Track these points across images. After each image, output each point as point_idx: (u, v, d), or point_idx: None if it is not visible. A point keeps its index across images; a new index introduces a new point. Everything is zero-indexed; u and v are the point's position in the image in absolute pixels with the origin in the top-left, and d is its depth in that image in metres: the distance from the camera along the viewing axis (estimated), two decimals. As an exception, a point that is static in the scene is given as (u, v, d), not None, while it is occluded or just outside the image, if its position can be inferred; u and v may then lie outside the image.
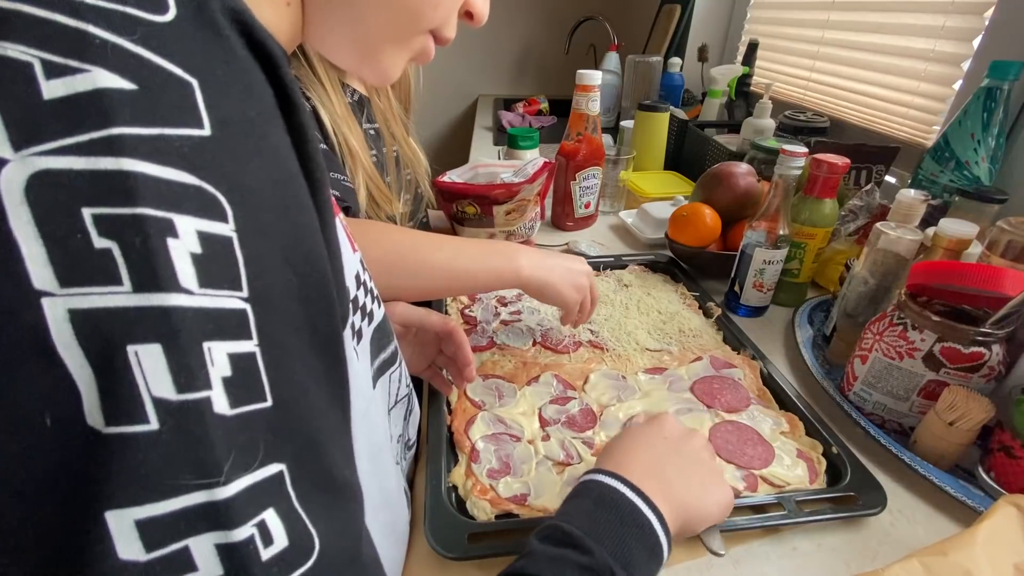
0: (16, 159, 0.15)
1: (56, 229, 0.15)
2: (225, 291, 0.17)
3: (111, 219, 0.15)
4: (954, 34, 0.88)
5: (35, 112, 0.15)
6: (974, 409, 0.47)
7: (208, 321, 0.17)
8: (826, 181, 0.69)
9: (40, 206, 0.15)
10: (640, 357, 0.65)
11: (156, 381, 0.16)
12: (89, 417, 0.15)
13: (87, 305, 0.15)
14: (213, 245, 0.17)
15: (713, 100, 1.31)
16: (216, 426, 0.17)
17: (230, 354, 0.17)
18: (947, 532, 0.45)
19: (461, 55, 2.12)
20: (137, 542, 0.15)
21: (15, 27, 0.15)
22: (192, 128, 0.17)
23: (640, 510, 0.34)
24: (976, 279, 0.48)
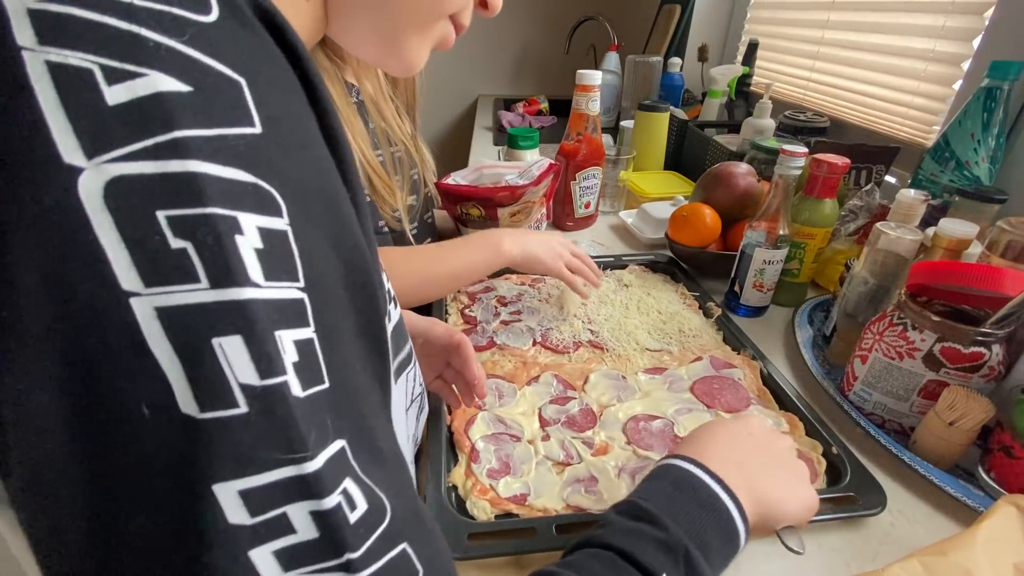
0: (90, 167, 0.15)
1: (135, 232, 0.16)
2: (285, 282, 0.18)
3: (184, 220, 0.16)
4: (954, 34, 0.88)
5: (102, 119, 0.16)
6: (974, 409, 0.47)
7: (276, 311, 0.18)
8: (826, 181, 0.69)
9: (119, 211, 0.16)
10: (640, 357, 0.65)
11: (241, 369, 0.17)
12: (184, 405, 0.16)
13: (171, 303, 0.16)
14: (272, 239, 0.18)
15: (713, 100, 1.31)
16: (295, 407, 0.18)
17: (295, 341, 0.18)
18: (947, 532, 0.45)
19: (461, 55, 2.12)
20: (243, 509, 0.17)
21: (71, 32, 0.15)
22: (245, 127, 0.18)
23: (718, 495, 0.34)
24: (976, 279, 0.48)
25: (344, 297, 0.21)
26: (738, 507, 0.34)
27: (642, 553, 0.30)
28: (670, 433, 0.53)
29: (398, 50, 0.33)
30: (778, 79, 1.32)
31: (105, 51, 0.16)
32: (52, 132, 0.15)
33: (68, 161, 0.15)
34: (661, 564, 0.30)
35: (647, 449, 0.51)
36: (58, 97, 0.15)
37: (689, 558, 0.30)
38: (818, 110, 1.13)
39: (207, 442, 0.17)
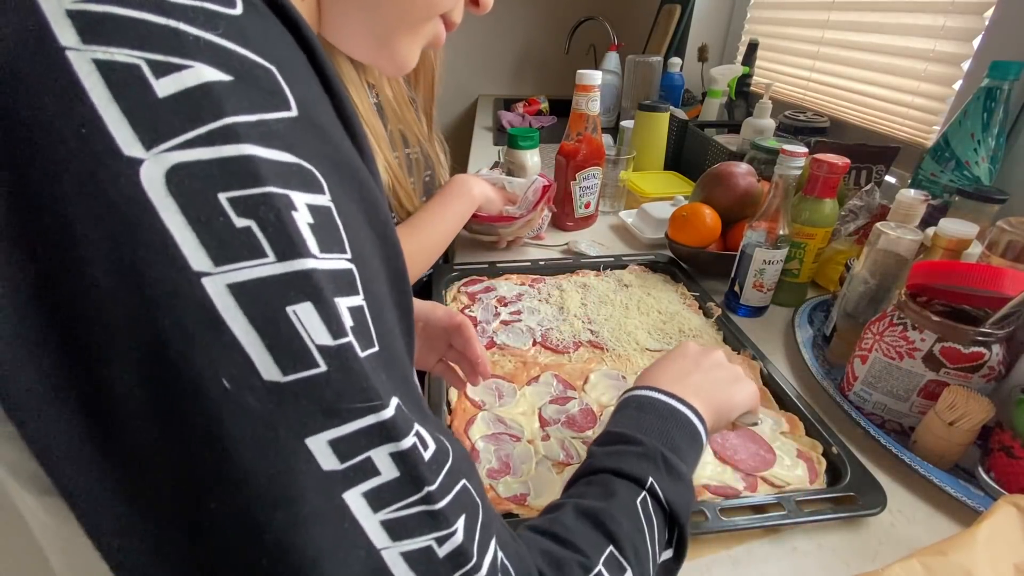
0: (150, 157, 0.16)
1: (200, 215, 0.17)
2: (336, 254, 0.19)
3: (245, 200, 0.17)
4: (954, 34, 0.88)
5: (155, 111, 0.16)
6: (974, 409, 0.47)
7: (333, 280, 0.19)
8: (826, 181, 0.69)
9: (182, 197, 0.17)
10: (640, 357, 0.65)
11: (316, 332, 0.18)
12: (265, 372, 0.18)
13: (243, 278, 0.17)
14: (320, 215, 0.19)
15: (713, 100, 1.31)
16: (363, 363, 0.19)
17: (349, 307, 0.20)
18: (947, 532, 0.45)
19: (461, 55, 2.12)
20: (333, 456, 0.19)
21: (113, 30, 0.16)
22: (283, 111, 0.19)
23: (674, 406, 0.39)
24: (976, 279, 0.48)
25: (381, 269, 0.22)
26: (693, 412, 0.39)
27: (628, 466, 0.34)
28: (670, 433, 0.53)
29: (390, 50, 0.34)
30: (778, 79, 1.32)
31: (149, 46, 0.16)
32: (108, 126, 0.16)
33: (128, 153, 0.16)
34: (646, 470, 0.34)
35: (647, 449, 0.51)
36: (110, 93, 0.16)
37: (666, 460, 0.35)
38: (818, 110, 1.13)
39: (294, 401, 0.18)
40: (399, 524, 0.20)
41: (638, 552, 0.30)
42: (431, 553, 0.21)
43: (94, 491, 0.18)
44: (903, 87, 0.98)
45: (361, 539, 0.19)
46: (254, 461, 0.18)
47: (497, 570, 0.23)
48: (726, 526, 0.43)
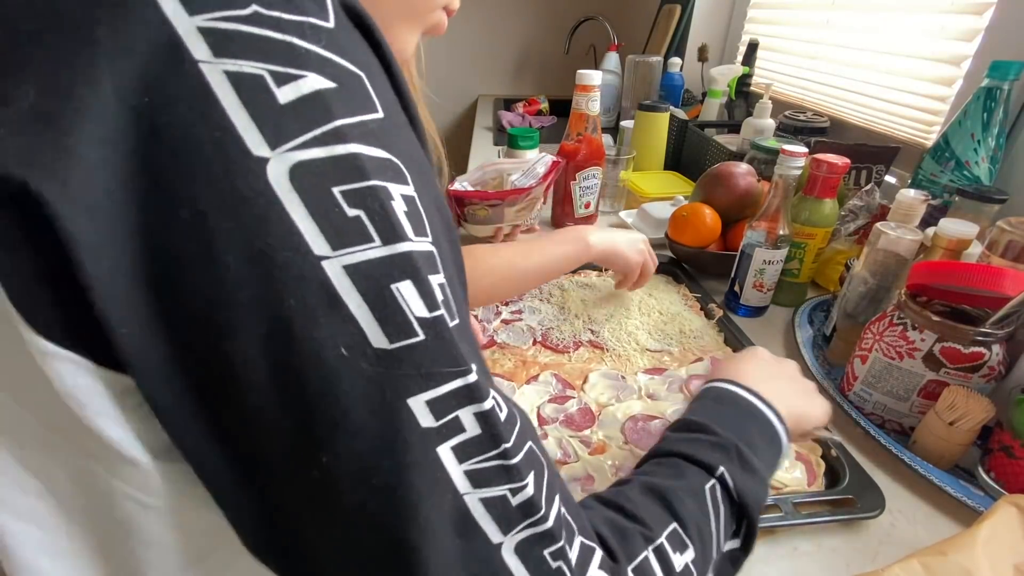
0: (275, 156, 0.19)
1: (319, 207, 0.19)
2: (423, 237, 0.22)
3: (355, 193, 0.20)
4: (954, 34, 0.88)
5: (278, 116, 0.19)
6: (974, 409, 0.47)
7: (426, 259, 0.21)
8: (826, 181, 0.69)
9: (304, 191, 0.19)
10: (640, 357, 0.65)
11: (416, 306, 0.21)
12: (375, 341, 0.20)
13: (355, 260, 0.20)
14: (409, 204, 0.21)
15: (713, 100, 1.31)
16: (453, 332, 0.22)
17: (438, 284, 0.22)
18: (947, 532, 0.45)
19: (461, 55, 2.12)
20: (429, 415, 0.21)
21: (240, 45, 0.18)
22: (373, 113, 0.21)
23: (756, 405, 0.39)
24: (976, 279, 0.48)
25: (448, 249, 0.24)
26: (774, 412, 0.39)
27: (701, 453, 0.34)
28: (670, 433, 0.53)
29: (390, 40, 0.34)
30: (778, 79, 1.32)
31: (271, 59, 0.19)
32: (239, 130, 0.18)
33: (257, 153, 0.18)
34: (718, 460, 0.34)
35: (645, 449, 0.51)
36: (239, 100, 0.18)
37: (740, 453, 0.35)
38: (818, 110, 1.13)
39: (398, 367, 0.20)
40: (480, 474, 0.22)
41: (702, 534, 0.31)
42: (506, 501, 0.23)
43: (208, 448, 0.21)
44: (903, 87, 0.98)
45: (449, 485, 0.22)
46: (366, 417, 0.20)
47: (561, 523, 0.25)
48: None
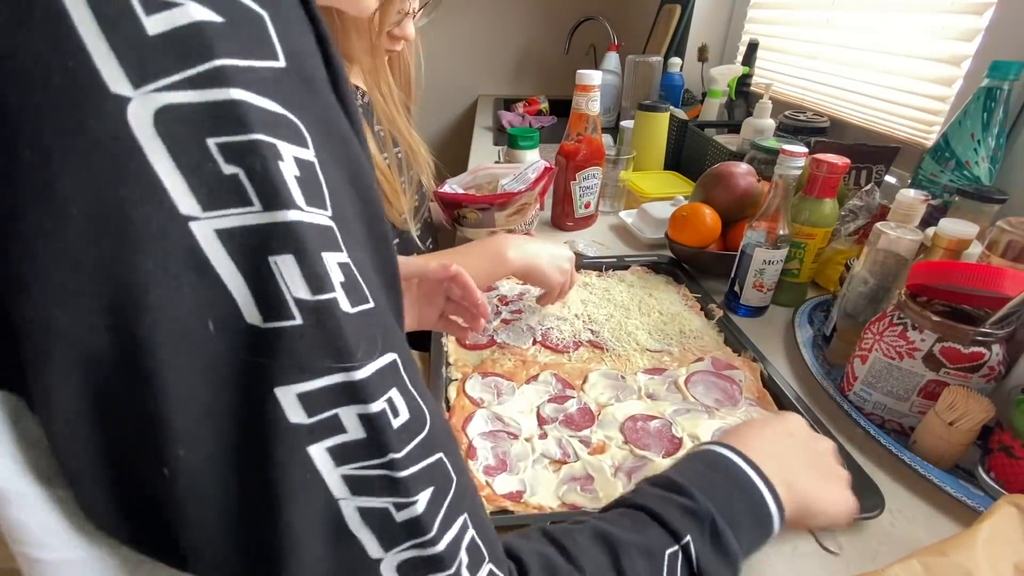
0: (137, 96, 0.16)
1: (189, 160, 0.17)
2: (319, 209, 0.19)
3: (233, 146, 0.17)
4: (954, 34, 0.88)
5: (144, 49, 0.16)
6: (974, 409, 0.47)
7: (318, 234, 0.19)
8: (826, 181, 0.69)
9: (170, 139, 0.16)
10: (640, 358, 0.64)
11: (294, 285, 0.18)
12: (248, 316, 0.18)
13: (229, 225, 0.17)
14: (305, 168, 0.19)
15: (713, 100, 1.31)
16: (344, 321, 0.19)
17: (338, 263, 0.20)
18: (947, 532, 0.45)
19: (461, 55, 2.12)
20: (301, 410, 0.19)
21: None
22: (271, 60, 0.18)
23: (751, 477, 0.34)
24: (976, 279, 0.48)
25: (362, 232, 0.22)
26: (771, 492, 0.34)
27: (670, 516, 0.31)
28: (667, 433, 0.53)
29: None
30: (778, 79, 1.32)
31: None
32: (96, 61, 0.15)
33: (115, 90, 0.16)
34: (687, 528, 0.30)
35: (644, 449, 0.51)
36: (99, 26, 0.15)
37: (716, 528, 0.31)
38: (818, 110, 1.13)
39: (269, 349, 0.18)
40: (361, 482, 0.20)
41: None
42: (388, 515, 0.21)
43: (67, 438, 0.19)
44: (903, 87, 0.98)
45: (321, 488, 0.20)
46: (232, 404, 0.18)
47: (460, 548, 0.23)
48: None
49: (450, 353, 0.64)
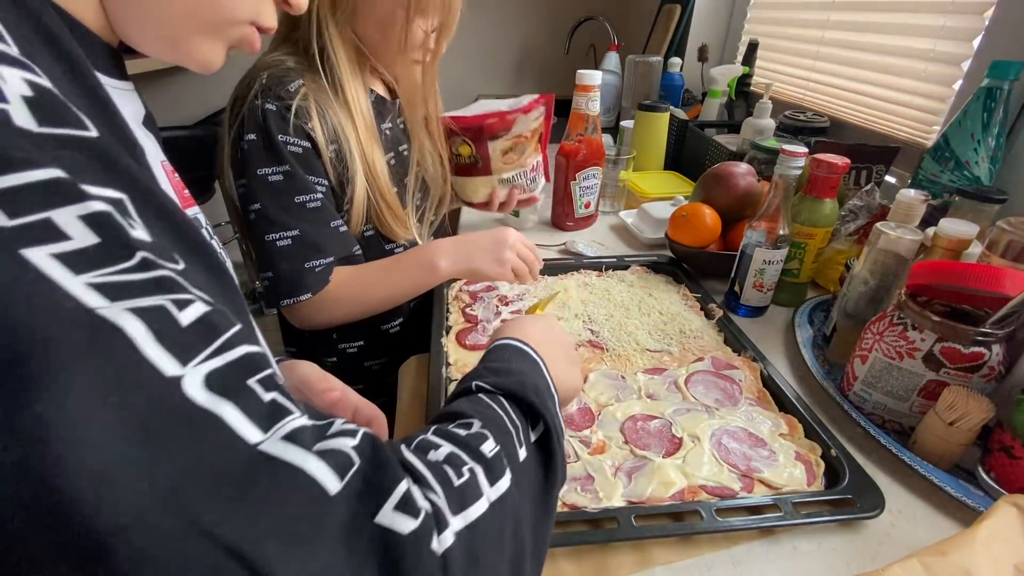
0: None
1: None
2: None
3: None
4: (954, 34, 0.88)
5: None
6: (974, 409, 0.47)
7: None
8: (826, 181, 0.69)
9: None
10: (640, 357, 0.64)
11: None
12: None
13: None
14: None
15: (713, 100, 1.31)
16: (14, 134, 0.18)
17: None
18: (947, 532, 0.45)
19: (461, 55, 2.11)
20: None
21: None
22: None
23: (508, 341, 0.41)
24: (976, 279, 0.48)
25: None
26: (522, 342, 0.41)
27: (456, 391, 0.37)
28: (668, 433, 0.53)
29: (187, 52, 0.34)
30: (778, 79, 1.32)
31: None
32: None
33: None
34: (470, 380, 0.37)
35: (644, 449, 0.51)
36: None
37: (487, 368, 0.38)
38: (818, 110, 1.13)
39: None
40: (116, 286, 0.18)
41: (485, 415, 0.32)
42: (166, 313, 0.19)
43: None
44: (903, 87, 0.98)
45: (59, 294, 0.17)
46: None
47: (255, 364, 0.21)
48: (721, 527, 0.43)
49: (450, 353, 0.64)
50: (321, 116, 0.63)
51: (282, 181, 0.61)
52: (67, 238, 0.18)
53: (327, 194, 0.65)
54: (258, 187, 0.61)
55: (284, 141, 0.60)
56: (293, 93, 0.61)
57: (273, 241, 0.61)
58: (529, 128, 0.80)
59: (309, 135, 0.62)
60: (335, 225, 0.66)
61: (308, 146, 0.62)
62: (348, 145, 0.65)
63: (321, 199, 0.64)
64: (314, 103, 0.62)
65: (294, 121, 0.60)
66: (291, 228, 0.62)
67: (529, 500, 0.30)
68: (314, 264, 0.63)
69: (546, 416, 0.34)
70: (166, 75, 1.93)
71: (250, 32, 0.36)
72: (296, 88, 0.61)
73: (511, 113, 0.76)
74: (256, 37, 0.37)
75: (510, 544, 0.28)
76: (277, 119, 0.60)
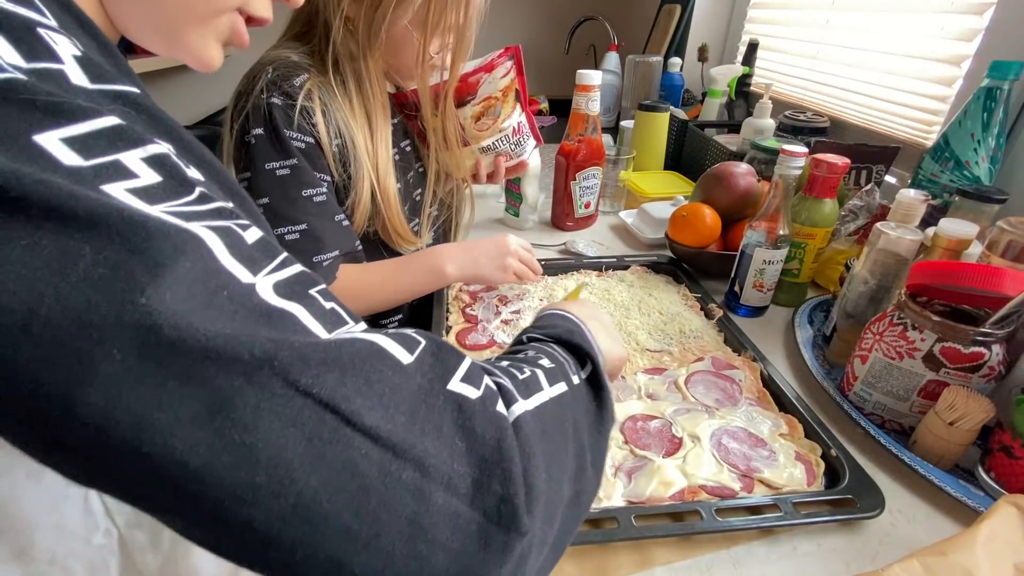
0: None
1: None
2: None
3: None
4: (954, 34, 0.88)
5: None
6: (974, 409, 0.47)
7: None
8: (826, 181, 0.69)
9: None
10: (640, 358, 0.64)
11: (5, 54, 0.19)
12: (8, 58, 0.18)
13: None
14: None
15: (713, 100, 1.31)
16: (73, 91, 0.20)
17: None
18: (947, 532, 0.45)
19: (461, 55, 2.12)
20: (72, 152, 0.18)
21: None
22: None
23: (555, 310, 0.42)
24: (976, 279, 0.48)
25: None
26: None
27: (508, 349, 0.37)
28: (668, 433, 0.53)
29: (183, 45, 0.34)
30: (778, 79, 1.32)
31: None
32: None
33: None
34: (522, 336, 0.38)
35: (644, 449, 0.51)
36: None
37: (535, 327, 0.39)
38: (818, 110, 1.13)
39: (7, 103, 0.18)
40: (186, 215, 0.20)
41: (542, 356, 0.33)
42: (233, 231, 0.20)
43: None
44: (903, 87, 0.98)
45: (140, 213, 0.18)
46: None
47: (312, 279, 0.23)
48: (721, 527, 0.43)
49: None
50: (325, 113, 0.63)
51: (289, 175, 0.61)
52: (136, 176, 0.19)
53: (330, 189, 0.65)
54: (266, 181, 0.61)
55: (289, 136, 0.61)
56: (298, 88, 0.61)
57: (281, 236, 0.62)
58: (498, 88, 0.74)
59: (313, 131, 0.62)
60: (339, 219, 0.66)
61: (312, 141, 0.62)
62: (353, 147, 0.65)
63: (326, 193, 0.64)
64: (319, 100, 0.62)
65: (298, 118, 0.61)
66: (299, 222, 0.62)
67: (584, 416, 0.32)
68: (322, 258, 0.64)
69: (593, 355, 0.35)
70: (167, 75, 1.93)
71: (238, 22, 0.36)
72: (301, 83, 0.61)
73: (473, 74, 0.72)
74: (243, 28, 0.36)
75: (572, 440, 0.29)
76: (282, 114, 0.60)
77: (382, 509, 0.19)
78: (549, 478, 0.25)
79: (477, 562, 0.21)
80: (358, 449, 0.19)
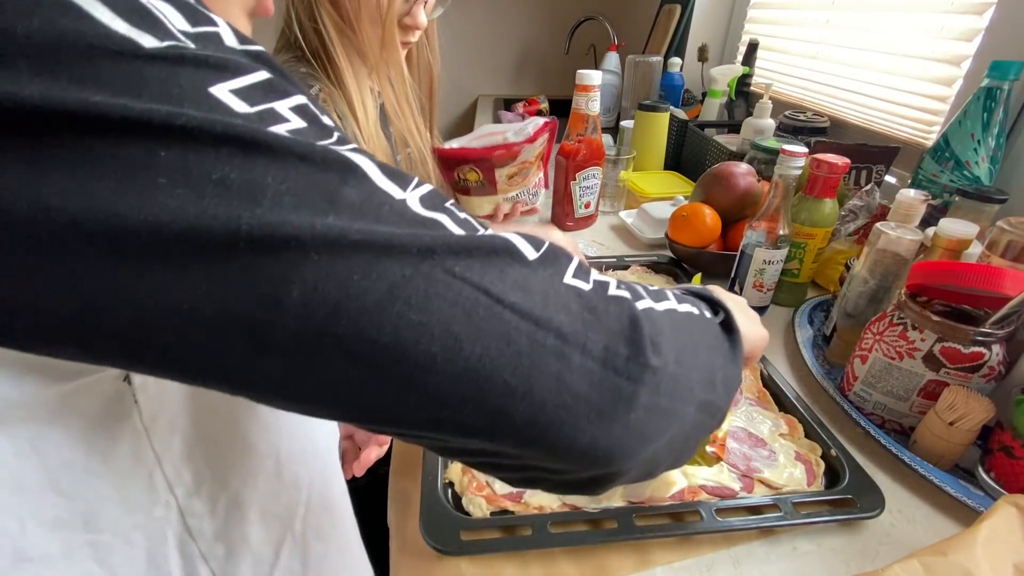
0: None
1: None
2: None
3: None
4: (954, 34, 0.88)
5: None
6: (974, 409, 0.47)
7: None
8: (826, 181, 0.69)
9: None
10: (640, 357, 0.64)
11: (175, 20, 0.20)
12: (145, 42, 0.19)
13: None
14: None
15: (713, 100, 1.31)
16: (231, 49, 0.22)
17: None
18: (947, 532, 0.45)
19: (461, 55, 2.12)
20: (240, 100, 0.20)
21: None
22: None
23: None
24: (976, 279, 0.48)
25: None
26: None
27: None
28: (669, 433, 0.53)
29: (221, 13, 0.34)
30: (778, 79, 1.32)
31: None
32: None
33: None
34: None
35: (646, 449, 0.51)
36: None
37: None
38: (818, 110, 1.13)
39: (180, 61, 0.19)
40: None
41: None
42: (374, 158, 0.23)
43: None
44: (903, 87, 0.98)
45: (309, 144, 0.21)
46: (171, 106, 0.19)
47: (443, 196, 0.25)
48: (721, 527, 0.43)
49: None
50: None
51: None
52: (288, 121, 0.22)
53: None
54: None
55: None
56: (314, 97, 0.62)
57: None
58: (533, 155, 0.84)
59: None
60: None
61: None
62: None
63: None
64: (335, 111, 0.63)
65: None
66: None
67: (715, 341, 0.33)
68: None
69: (726, 306, 0.36)
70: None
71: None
72: (315, 93, 0.62)
73: (518, 145, 0.80)
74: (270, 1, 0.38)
75: (704, 351, 0.31)
76: None
77: (533, 369, 0.23)
78: (678, 359, 0.28)
79: (609, 408, 0.25)
80: (508, 323, 0.23)
